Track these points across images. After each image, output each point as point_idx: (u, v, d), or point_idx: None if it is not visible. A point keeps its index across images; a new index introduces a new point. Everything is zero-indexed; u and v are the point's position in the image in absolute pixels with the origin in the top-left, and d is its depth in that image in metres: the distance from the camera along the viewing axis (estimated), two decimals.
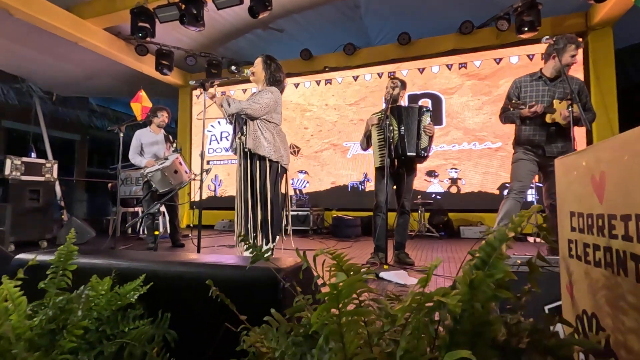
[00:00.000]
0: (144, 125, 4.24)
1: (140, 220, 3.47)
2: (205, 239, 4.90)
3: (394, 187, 3.08)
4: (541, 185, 2.87)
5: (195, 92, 7.31)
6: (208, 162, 7.01)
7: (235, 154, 2.75)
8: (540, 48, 5.10)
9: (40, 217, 3.99)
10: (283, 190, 2.76)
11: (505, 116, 2.67)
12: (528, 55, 5.15)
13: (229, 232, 5.98)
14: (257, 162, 2.58)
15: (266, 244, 2.63)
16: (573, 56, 2.44)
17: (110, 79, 7.21)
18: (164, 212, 5.67)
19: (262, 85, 2.68)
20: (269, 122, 2.60)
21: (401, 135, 2.86)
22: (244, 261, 0.86)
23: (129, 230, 5.66)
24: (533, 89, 2.58)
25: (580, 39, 2.57)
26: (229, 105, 2.49)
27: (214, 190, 6.82)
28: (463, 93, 5.43)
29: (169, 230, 5.39)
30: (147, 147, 3.94)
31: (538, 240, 4.42)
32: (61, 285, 0.75)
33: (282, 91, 2.71)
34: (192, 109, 7.33)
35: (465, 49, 5.47)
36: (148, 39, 5.16)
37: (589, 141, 4.68)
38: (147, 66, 6.28)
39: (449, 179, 5.43)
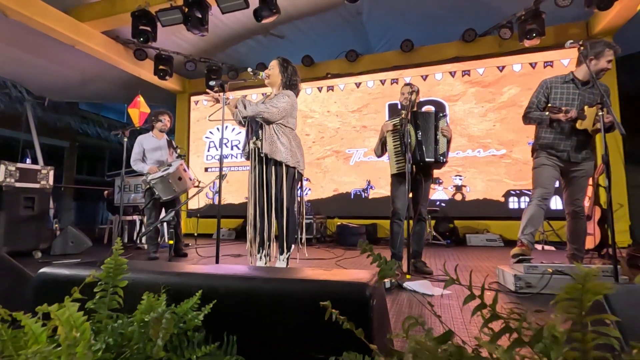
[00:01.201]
0: (146, 131, 4.10)
1: (150, 228, 3.31)
2: (206, 247, 4.74)
3: (411, 194, 3.01)
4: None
5: (194, 98, 7.18)
6: (206, 170, 6.86)
7: (247, 159, 2.65)
8: (543, 56, 5.16)
9: (35, 226, 3.79)
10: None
11: (531, 117, 2.60)
12: (530, 64, 5.19)
13: (228, 240, 5.82)
14: (273, 167, 2.48)
15: (281, 254, 2.52)
16: (609, 61, 2.41)
17: (106, 84, 7.04)
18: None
19: (278, 89, 2.60)
20: (285, 126, 2.51)
21: (419, 141, 2.81)
22: (316, 275, 0.76)
23: (126, 239, 5.46)
24: (564, 91, 2.54)
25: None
26: (245, 108, 2.39)
27: (212, 198, 6.66)
28: (467, 100, 5.43)
29: (166, 240, 5.22)
30: (149, 153, 3.80)
31: (546, 247, 4.39)
32: (112, 305, 0.63)
33: (297, 95, 2.63)
34: (190, 115, 7.19)
35: (468, 56, 5.48)
36: (149, 42, 5.05)
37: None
38: (145, 71, 6.15)
39: (454, 186, 5.39)
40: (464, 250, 4.42)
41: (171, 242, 2.01)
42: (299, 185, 2.63)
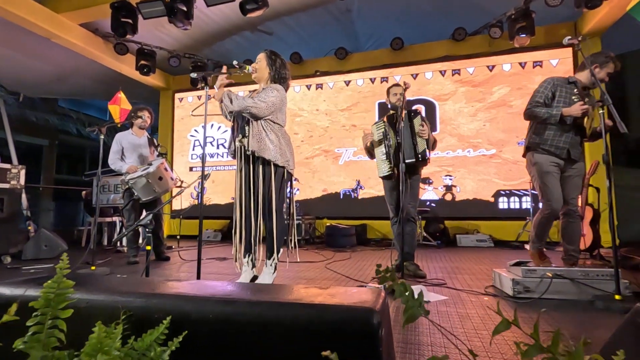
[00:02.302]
0: (125, 128, 3.90)
1: (126, 233, 3.12)
2: (189, 250, 4.56)
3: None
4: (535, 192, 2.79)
5: (179, 95, 6.95)
6: (191, 169, 6.66)
7: (233, 157, 2.50)
8: (532, 56, 5.16)
9: (4, 229, 3.55)
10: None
11: (538, 113, 2.47)
12: (520, 63, 5.18)
13: (213, 242, 5.63)
14: (261, 166, 2.34)
15: (269, 257, 2.39)
16: (608, 74, 2.42)
17: (85, 80, 6.75)
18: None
19: (266, 83, 2.46)
20: (274, 122, 2.37)
21: (398, 143, 2.80)
22: (310, 296, 0.63)
23: (105, 242, 5.21)
24: (568, 92, 2.49)
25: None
26: (231, 102, 2.24)
27: (197, 198, 6.45)
28: (457, 99, 5.38)
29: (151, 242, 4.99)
30: (128, 152, 3.60)
31: None
32: (51, 343, 0.49)
33: (286, 89, 2.50)
34: (175, 113, 6.95)
35: (458, 55, 5.44)
36: (129, 36, 4.83)
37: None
38: (126, 66, 5.90)
39: (444, 186, 5.34)
40: (455, 251, 4.36)
41: (149, 247, 1.85)
42: (289, 186, 2.49)
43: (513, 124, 5.09)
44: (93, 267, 2.80)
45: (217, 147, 6.55)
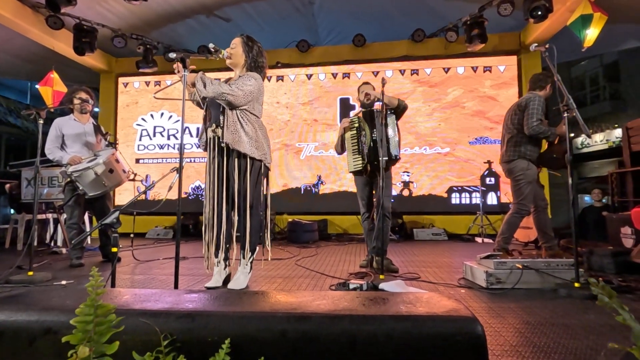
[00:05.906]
0: (64, 113, 3.43)
1: (92, 231, 2.74)
2: (141, 250, 4.18)
3: (373, 192, 3.08)
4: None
5: (123, 80, 6.32)
6: (138, 161, 6.13)
7: (204, 149, 2.30)
8: (483, 61, 5.50)
9: None
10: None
11: (544, 130, 2.70)
12: (472, 67, 5.50)
13: (164, 240, 5.24)
14: (236, 160, 2.18)
15: (244, 257, 2.24)
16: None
17: (6, 56, 5.85)
18: (91, 218, 4.75)
19: (241, 71, 2.29)
20: (250, 113, 2.22)
21: (374, 140, 2.85)
22: (394, 306, 0.55)
23: (35, 242, 4.57)
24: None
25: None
26: (205, 86, 2.04)
27: (145, 193, 5.94)
28: (415, 99, 5.57)
29: (89, 242, 4.49)
30: (70, 140, 3.16)
31: (486, 240, 4.70)
32: None
33: (263, 78, 2.36)
34: (118, 98, 6.31)
35: (416, 56, 5.63)
36: (64, 9, 4.28)
37: None
38: (60, 43, 5.21)
39: (402, 182, 5.52)
40: (413, 244, 4.53)
41: (115, 249, 1.60)
42: (265, 181, 2.36)
43: (465, 125, 5.41)
44: (30, 273, 2.42)
45: (168, 138, 6.09)
